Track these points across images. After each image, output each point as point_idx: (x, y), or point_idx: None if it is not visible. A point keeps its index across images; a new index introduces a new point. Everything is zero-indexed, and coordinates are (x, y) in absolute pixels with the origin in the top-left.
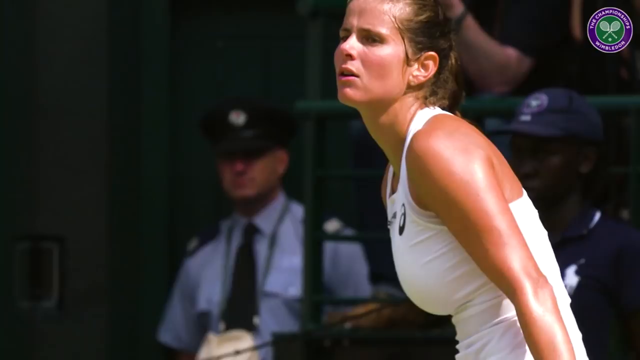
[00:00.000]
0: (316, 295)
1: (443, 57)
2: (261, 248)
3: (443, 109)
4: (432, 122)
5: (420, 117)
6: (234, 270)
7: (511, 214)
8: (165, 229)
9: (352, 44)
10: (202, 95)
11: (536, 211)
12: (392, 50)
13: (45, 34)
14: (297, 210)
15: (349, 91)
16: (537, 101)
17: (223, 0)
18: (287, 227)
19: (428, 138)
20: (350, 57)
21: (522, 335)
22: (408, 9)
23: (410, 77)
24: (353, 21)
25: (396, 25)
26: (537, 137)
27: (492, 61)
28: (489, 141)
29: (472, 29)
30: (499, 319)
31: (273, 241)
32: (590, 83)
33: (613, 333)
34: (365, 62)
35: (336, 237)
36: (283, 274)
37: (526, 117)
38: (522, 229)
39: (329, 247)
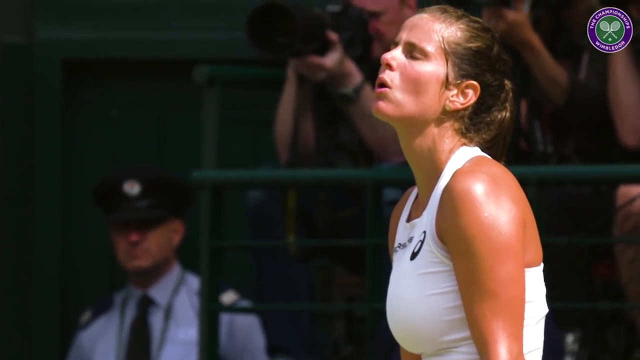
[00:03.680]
0: None
1: (488, 95)
2: (156, 320)
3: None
4: (477, 164)
5: (462, 154)
6: (128, 343)
7: (523, 286)
8: (57, 300)
9: (394, 55)
10: (95, 165)
11: (544, 288)
12: (432, 68)
13: None
14: (193, 282)
15: (381, 104)
16: None
17: (117, 68)
18: (183, 298)
19: (471, 180)
20: (389, 67)
21: None
22: (459, 34)
23: (447, 102)
24: (402, 35)
25: (442, 46)
26: None
27: (391, 130)
28: (525, 197)
29: (371, 98)
30: None
31: (168, 313)
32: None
33: None
34: (403, 75)
35: (232, 308)
36: (178, 346)
37: None
38: (528, 298)
39: (225, 319)
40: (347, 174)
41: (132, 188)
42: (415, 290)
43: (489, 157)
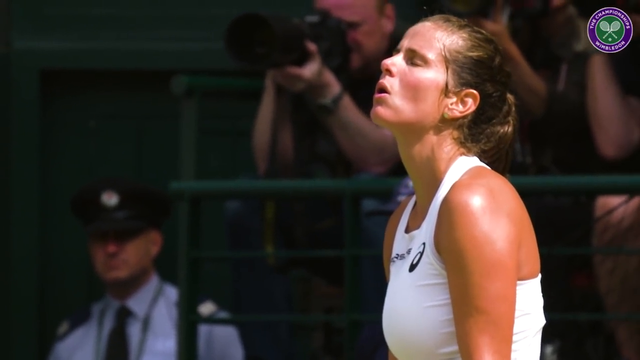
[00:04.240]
0: None
1: (488, 105)
2: (134, 331)
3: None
4: (476, 175)
5: (461, 164)
6: (106, 354)
7: (513, 304)
8: (35, 311)
9: (394, 61)
10: (73, 175)
11: (542, 299)
12: (432, 75)
13: None
14: (171, 293)
15: (380, 109)
16: None
17: (95, 79)
18: (161, 309)
19: (469, 194)
20: (389, 72)
21: None
22: (461, 42)
23: (446, 109)
24: (404, 42)
25: (443, 53)
26: None
27: (369, 141)
28: (524, 208)
29: (349, 108)
30: None
31: (146, 324)
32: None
33: None
34: (402, 81)
35: (211, 319)
36: (156, 357)
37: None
38: (521, 310)
39: (203, 329)
40: (325, 184)
41: (110, 199)
42: (414, 303)
43: (488, 167)
